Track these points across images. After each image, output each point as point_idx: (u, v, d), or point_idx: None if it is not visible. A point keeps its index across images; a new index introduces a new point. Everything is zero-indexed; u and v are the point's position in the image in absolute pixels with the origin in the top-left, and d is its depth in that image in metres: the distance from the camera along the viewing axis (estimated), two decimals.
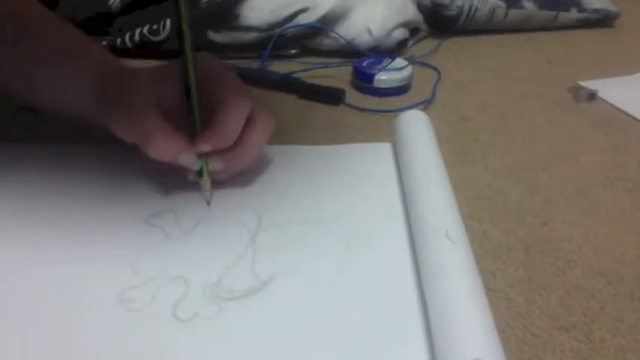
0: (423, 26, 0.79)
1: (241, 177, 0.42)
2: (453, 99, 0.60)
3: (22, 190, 0.41)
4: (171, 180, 0.42)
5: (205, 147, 0.38)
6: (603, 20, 0.86)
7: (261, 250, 0.35)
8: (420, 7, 0.78)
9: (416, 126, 0.45)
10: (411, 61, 0.64)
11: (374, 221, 0.38)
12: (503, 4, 0.79)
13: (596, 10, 0.85)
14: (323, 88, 0.60)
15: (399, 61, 0.63)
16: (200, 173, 0.39)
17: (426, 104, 0.58)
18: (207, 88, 0.38)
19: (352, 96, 0.60)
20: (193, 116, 0.39)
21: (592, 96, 0.60)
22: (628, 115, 0.57)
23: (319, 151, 0.47)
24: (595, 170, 0.47)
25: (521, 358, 0.30)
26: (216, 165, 0.39)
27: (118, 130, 0.39)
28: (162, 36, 0.68)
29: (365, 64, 0.62)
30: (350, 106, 0.58)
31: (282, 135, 0.46)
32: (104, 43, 0.69)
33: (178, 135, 0.38)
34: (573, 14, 0.84)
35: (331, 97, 0.59)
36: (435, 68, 0.67)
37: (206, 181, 0.40)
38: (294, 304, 0.32)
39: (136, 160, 0.39)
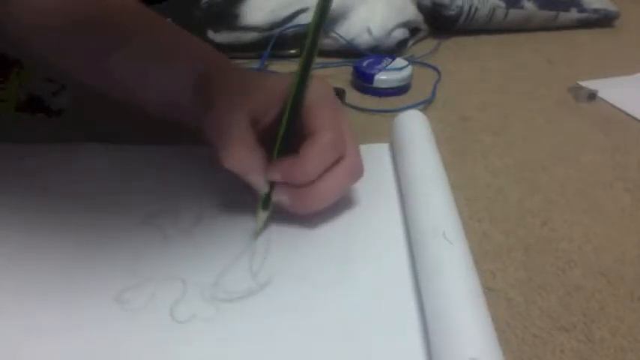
0: (423, 26, 0.79)
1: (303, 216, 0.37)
2: (453, 99, 0.60)
3: (21, 190, 0.41)
4: (171, 180, 0.42)
5: (276, 176, 0.35)
6: (603, 20, 0.86)
7: (259, 252, 0.35)
8: (420, 7, 0.78)
9: (414, 126, 0.45)
10: (411, 61, 0.64)
11: (371, 222, 0.38)
12: (503, 4, 0.79)
13: (596, 10, 0.85)
14: None
15: (399, 61, 0.63)
16: (262, 200, 0.36)
17: (425, 104, 0.58)
18: (306, 114, 0.35)
19: (352, 96, 0.60)
20: (278, 139, 0.35)
21: (592, 96, 0.60)
22: (628, 115, 0.57)
23: None
24: (595, 170, 0.47)
25: (521, 358, 0.30)
26: (282, 198, 0.36)
27: (205, 131, 0.37)
28: None
29: (365, 64, 0.62)
30: (350, 106, 0.58)
31: None
32: None
33: (258, 152, 0.35)
34: (573, 14, 0.84)
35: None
36: (435, 68, 0.67)
37: (263, 213, 0.36)
38: (291, 305, 0.32)
39: (134, 161, 0.40)
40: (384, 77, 0.60)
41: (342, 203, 0.40)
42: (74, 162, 0.44)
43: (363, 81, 0.61)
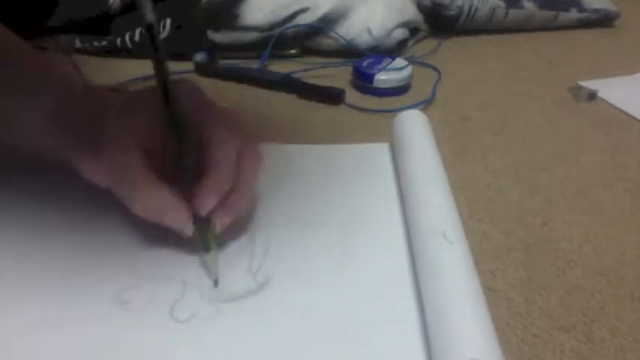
0: (423, 26, 0.79)
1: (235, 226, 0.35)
2: (453, 99, 0.60)
3: (21, 190, 0.41)
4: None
5: (209, 203, 0.32)
6: (603, 20, 0.86)
7: (258, 251, 0.35)
8: (420, 7, 0.78)
9: (414, 126, 0.45)
10: (411, 61, 0.64)
11: (371, 222, 0.38)
12: (503, 4, 0.79)
13: (596, 10, 0.85)
14: (323, 88, 0.60)
15: (399, 61, 0.63)
16: (200, 244, 0.33)
17: (425, 104, 0.58)
18: (192, 126, 0.32)
19: (352, 96, 0.60)
20: (185, 166, 0.32)
21: (592, 96, 0.60)
22: (628, 115, 0.57)
23: (317, 151, 0.47)
24: (595, 170, 0.47)
25: (521, 358, 0.30)
26: (224, 220, 0.33)
27: (88, 174, 0.33)
28: (163, 36, 0.68)
29: (365, 64, 0.62)
30: (350, 106, 0.58)
31: (282, 135, 0.46)
32: (104, 42, 0.69)
33: (164, 187, 0.31)
34: (573, 14, 0.84)
35: (331, 97, 0.59)
36: (435, 68, 0.67)
37: (212, 255, 0.33)
38: (290, 305, 0.32)
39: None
40: (384, 77, 0.60)
41: (342, 203, 0.40)
42: None
43: (363, 81, 0.61)
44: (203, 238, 0.33)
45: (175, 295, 0.32)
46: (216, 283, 0.33)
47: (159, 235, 0.36)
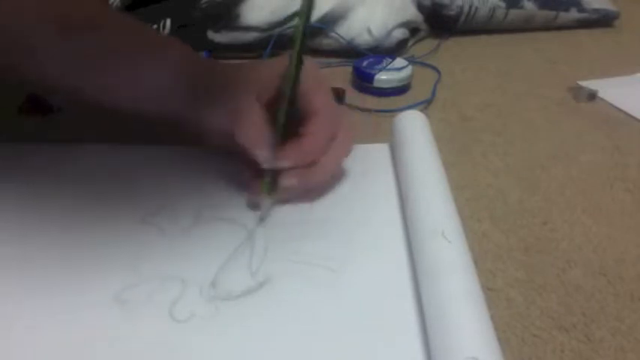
0: (423, 26, 0.79)
1: (307, 196, 0.40)
2: (453, 99, 0.60)
3: (21, 189, 0.41)
4: (170, 179, 0.42)
5: (285, 162, 0.37)
6: (603, 20, 0.86)
7: (258, 250, 0.35)
8: (420, 7, 0.78)
9: (414, 126, 0.45)
10: (411, 61, 0.64)
11: (371, 222, 0.38)
12: (503, 4, 0.79)
13: (596, 10, 0.85)
14: None
15: (399, 61, 0.63)
16: (266, 187, 0.38)
17: (425, 104, 0.58)
18: (303, 97, 0.38)
19: (352, 96, 0.60)
20: (279, 123, 0.37)
21: (592, 96, 0.60)
22: (628, 115, 0.57)
23: None
24: (595, 170, 0.47)
25: (521, 358, 0.30)
26: (291, 181, 0.37)
27: (211, 119, 0.38)
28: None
29: (365, 64, 0.62)
30: (350, 105, 0.58)
31: None
32: None
33: (268, 129, 0.37)
34: (573, 14, 0.84)
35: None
36: (435, 68, 0.67)
37: (268, 200, 0.38)
38: (290, 304, 0.32)
39: (134, 161, 0.39)
40: (384, 77, 0.60)
41: (342, 202, 0.40)
42: (74, 161, 0.44)
43: (363, 81, 0.61)
44: (268, 183, 0.37)
45: (174, 295, 0.32)
46: (262, 220, 0.37)
47: (158, 234, 0.36)
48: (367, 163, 0.45)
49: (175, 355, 0.28)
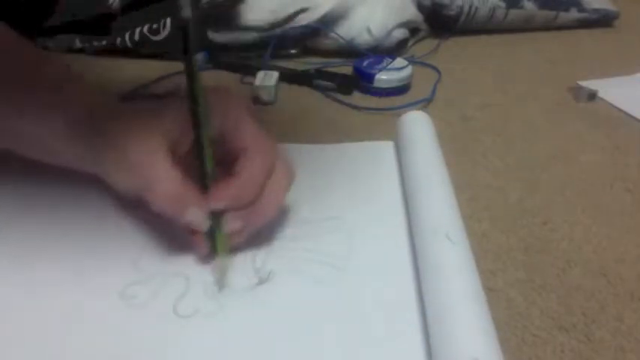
0: (423, 26, 0.79)
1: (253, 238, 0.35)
2: (453, 99, 0.60)
3: (24, 188, 0.40)
4: None
5: (220, 204, 0.32)
6: (603, 20, 0.86)
7: (262, 247, 0.35)
8: (420, 7, 0.78)
9: (418, 127, 0.45)
10: (411, 61, 0.64)
11: (375, 220, 0.38)
12: (503, 4, 0.79)
13: (596, 10, 0.85)
14: (337, 74, 0.62)
15: (399, 61, 0.63)
16: (211, 240, 0.33)
17: (425, 102, 0.58)
18: (225, 133, 0.33)
19: (352, 96, 0.60)
20: (202, 163, 0.32)
21: (592, 96, 0.60)
22: (628, 115, 0.57)
23: (321, 149, 0.47)
24: (595, 170, 0.47)
25: (521, 358, 0.30)
26: (235, 224, 0.33)
27: (115, 179, 0.32)
28: (163, 35, 0.68)
29: (365, 63, 0.62)
30: (350, 105, 0.58)
31: (283, 134, 0.46)
32: (104, 42, 0.69)
33: (189, 184, 0.31)
34: (573, 14, 0.84)
35: (344, 84, 0.61)
36: (435, 68, 0.67)
37: (222, 259, 0.33)
38: (293, 301, 0.32)
39: None
40: (384, 77, 0.60)
41: (346, 200, 0.40)
42: None
43: (363, 81, 0.61)
44: (212, 240, 0.33)
45: (179, 291, 0.32)
46: (221, 287, 0.32)
47: (166, 233, 0.36)
48: (372, 161, 0.45)
49: (179, 350, 0.29)
